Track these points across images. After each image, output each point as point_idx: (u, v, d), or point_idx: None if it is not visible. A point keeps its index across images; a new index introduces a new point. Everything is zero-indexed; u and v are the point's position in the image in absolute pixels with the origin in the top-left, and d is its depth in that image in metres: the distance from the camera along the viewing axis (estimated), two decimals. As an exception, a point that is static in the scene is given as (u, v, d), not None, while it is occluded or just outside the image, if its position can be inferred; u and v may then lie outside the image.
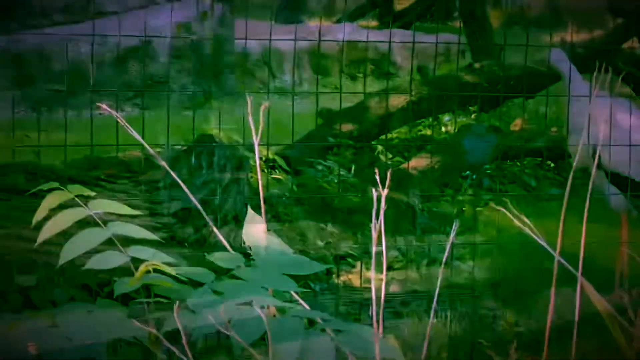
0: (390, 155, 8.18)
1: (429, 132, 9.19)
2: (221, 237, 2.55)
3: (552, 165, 8.46)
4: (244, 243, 2.44)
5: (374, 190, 2.00)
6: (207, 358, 2.42)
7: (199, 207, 2.67)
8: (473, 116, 9.36)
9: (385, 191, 2.03)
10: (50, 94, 11.11)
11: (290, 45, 13.11)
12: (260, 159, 6.67)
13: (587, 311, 2.20)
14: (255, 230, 2.44)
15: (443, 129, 9.32)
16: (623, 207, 5.26)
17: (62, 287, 4.55)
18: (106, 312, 2.25)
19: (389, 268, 5.86)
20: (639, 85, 10.30)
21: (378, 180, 2.10)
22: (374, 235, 2.00)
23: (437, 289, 2.37)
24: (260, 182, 2.55)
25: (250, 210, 2.49)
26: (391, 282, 5.64)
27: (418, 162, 7.41)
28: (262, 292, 2.22)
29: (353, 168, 7.47)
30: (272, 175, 6.73)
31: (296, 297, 2.31)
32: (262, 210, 2.43)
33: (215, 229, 2.65)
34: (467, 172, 7.87)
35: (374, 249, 2.02)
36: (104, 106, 2.81)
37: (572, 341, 2.11)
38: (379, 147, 8.13)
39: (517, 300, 5.16)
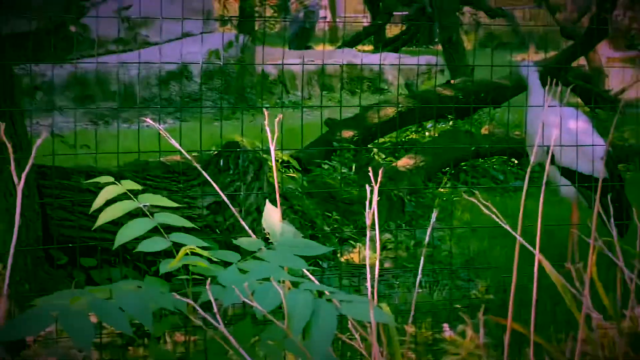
0: (383, 156, 8.17)
1: (415, 136, 9.18)
2: (245, 226, 2.55)
3: (516, 162, 8.44)
4: (264, 230, 2.44)
5: (367, 185, 2.01)
6: (234, 324, 2.41)
7: (227, 201, 2.67)
8: (451, 123, 9.34)
9: (377, 186, 2.03)
10: (105, 110, 11.11)
11: (300, 67, 13.10)
12: (277, 160, 6.67)
13: (544, 282, 2.20)
14: (273, 219, 2.44)
15: (426, 134, 9.30)
16: (573, 196, 5.25)
17: (117, 267, 4.56)
18: (153, 287, 2.25)
19: (383, 248, 5.85)
20: (586, 96, 10.29)
21: (372, 177, 2.10)
22: (368, 221, 2.00)
23: (421, 265, 2.37)
24: (276, 180, 2.55)
25: (268, 203, 2.48)
26: (385, 260, 5.63)
27: (406, 162, 7.40)
28: (279, 270, 2.21)
29: (353, 167, 7.46)
30: (287, 174, 6.72)
31: (307, 273, 2.31)
32: (278, 203, 2.43)
33: (240, 219, 2.65)
34: (447, 169, 7.87)
35: (368, 233, 2.02)
36: (148, 120, 2.81)
37: (532, 306, 2.11)
38: (374, 150, 8.12)
39: (487, 273, 5.15)
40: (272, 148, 2.41)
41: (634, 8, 15.27)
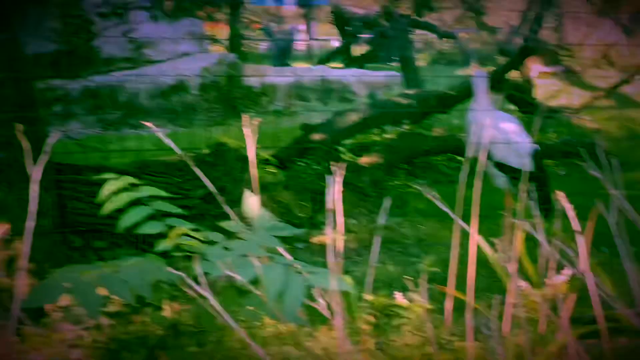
0: (350, 155, 8.18)
1: (376, 138, 9.19)
2: (230, 212, 2.54)
3: (461, 159, 8.48)
4: (245, 215, 2.43)
5: (327, 175, 2.01)
6: (220, 293, 2.42)
7: (216, 192, 2.67)
8: (407, 127, 9.36)
9: (340, 178, 2.04)
10: (114, 118, 11.05)
11: (281, 80, 13.08)
12: (260, 159, 6.66)
13: (480, 257, 2.22)
14: (252, 206, 2.43)
15: (386, 135, 9.32)
16: (505, 185, 5.28)
17: (124, 248, 4.55)
18: (151, 263, 2.24)
19: (348, 231, 5.86)
20: (518, 103, 10.36)
21: (332, 170, 2.11)
22: (330, 205, 2.00)
23: (378, 243, 2.38)
24: (252, 172, 2.55)
25: (247, 192, 2.48)
26: (349, 241, 5.64)
27: (369, 159, 7.42)
28: (257, 247, 2.21)
29: (323, 164, 7.46)
30: (268, 170, 6.71)
31: (282, 251, 2.31)
32: (256, 192, 2.43)
33: (226, 207, 2.64)
34: (403, 165, 7.88)
35: (327, 215, 2.03)
36: (150, 125, 2.80)
37: (470, 276, 2.13)
38: (341, 149, 8.13)
39: (433, 249, 5.17)
40: (248, 146, 2.41)
41: (559, 30, 15.40)
